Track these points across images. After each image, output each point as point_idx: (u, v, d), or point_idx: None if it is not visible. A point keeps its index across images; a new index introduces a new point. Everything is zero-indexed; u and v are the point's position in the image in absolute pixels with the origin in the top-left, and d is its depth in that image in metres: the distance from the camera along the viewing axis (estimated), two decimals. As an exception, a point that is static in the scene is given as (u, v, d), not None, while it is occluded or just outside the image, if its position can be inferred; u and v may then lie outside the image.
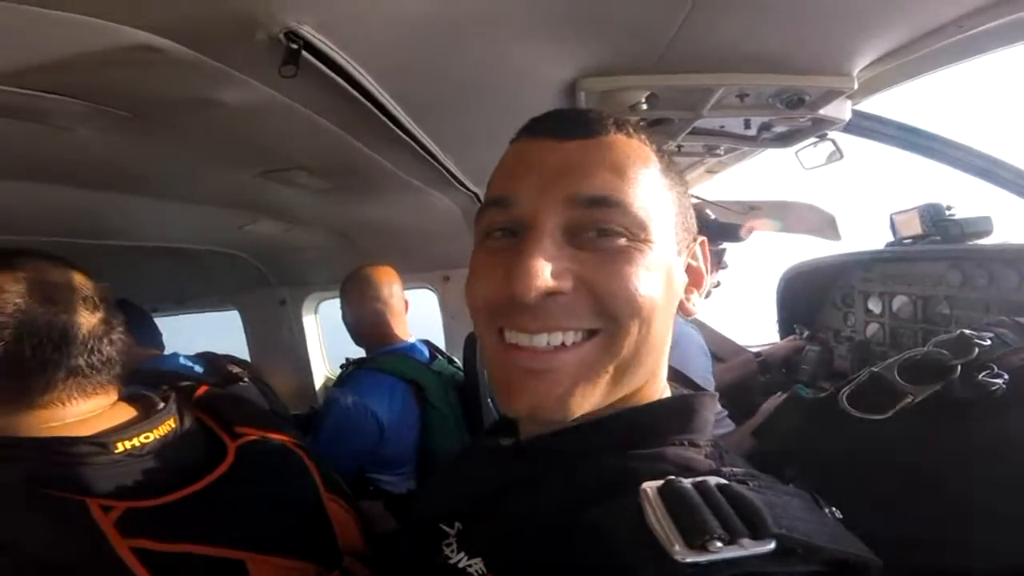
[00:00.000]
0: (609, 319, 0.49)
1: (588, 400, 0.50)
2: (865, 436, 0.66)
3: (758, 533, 0.37)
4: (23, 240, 1.86)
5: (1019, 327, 0.71)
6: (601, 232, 0.50)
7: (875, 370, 0.71)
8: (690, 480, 0.42)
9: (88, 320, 0.73)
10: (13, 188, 1.42)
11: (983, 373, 0.61)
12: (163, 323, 2.23)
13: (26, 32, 0.72)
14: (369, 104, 1.10)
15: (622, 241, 0.49)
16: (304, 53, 0.83)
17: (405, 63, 1.03)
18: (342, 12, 0.82)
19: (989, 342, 0.66)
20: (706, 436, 0.55)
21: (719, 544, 0.36)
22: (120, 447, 0.69)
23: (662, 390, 0.58)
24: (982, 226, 1.80)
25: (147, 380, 0.88)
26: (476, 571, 0.50)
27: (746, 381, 2.34)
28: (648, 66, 1.16)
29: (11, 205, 1.55)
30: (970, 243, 1.82)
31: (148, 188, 1.63)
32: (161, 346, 2.16)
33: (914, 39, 1.01)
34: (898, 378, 0.67)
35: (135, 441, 0.71)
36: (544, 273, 0.47)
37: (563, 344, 0.49)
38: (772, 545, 0.36)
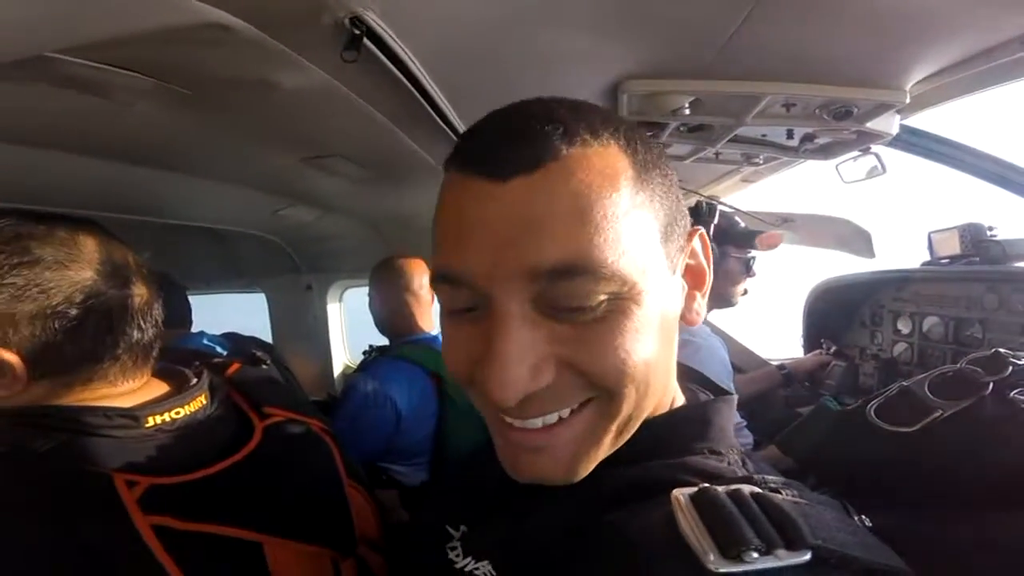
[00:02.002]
0: (602, 390, 0.44)
1: (594, 460, 0.47)
2: (891, 448, 0.66)
3: (793, 544, 0.36)
4: (65, 213, 1.92)
5: None
6: (575, 309, 0.41)
7: (905, 384, 0.71)
8: (724, 488, 0.41)
9: (142, 296, 0.73)
10: (60, 159, 1.45)
11: (1015, 391, 0.61)
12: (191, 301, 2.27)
13: (101, 4, 0.73)
14: (417, 94, 1.12)
15: (602, 308, 0.41)
16: (365, 40, 0.85)
17: (456, 55, 1.05)
18: (406, 1, 0.84)
19: None
20: (727, 443, 0.53)
21: (754, 555, 0.36)
22: (151, 421, 0.68)
23: (673, 397, 0.55)
24: (1024, 248, 1.76)
25: (174, 358, 0.86)
26: (484, 573, 0.50)
27: (768, 393, 2.32)
28: (696, 71, 1.16)
29: (54, 176, 1.59)
30: (1011, 265, 1.78)
31: (192, 167, 1.67)
32: (190, 323, 2.21)
33: (974, 55, 1.00)
34: (928, 393, 0.67)
35: (166, 416, 0.69)
36: (521, 381, 0.41)
37: (559, 419, 0.45)
38: (808, 556, 0.36)
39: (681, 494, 0.41)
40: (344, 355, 3.36)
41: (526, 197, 0.40)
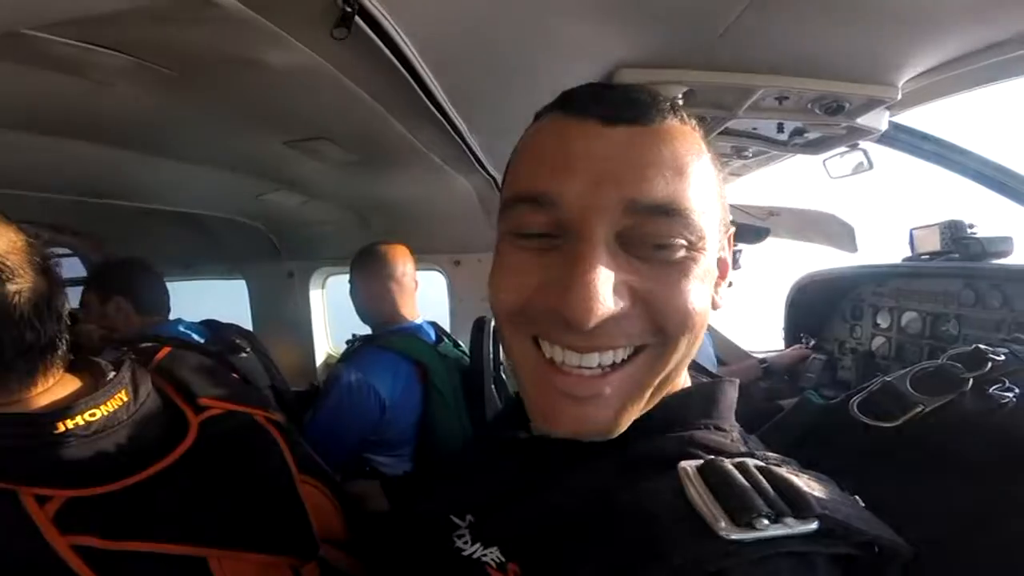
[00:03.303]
0: (661, 335, 0.46)
1: (631, 417, 0.48)
2: (871, 443, 0.67)
3: (801, 513, 0.37)
4: (34, 196, 1.86)
5: None
6: (660, 246, 0.45)
7: (887, 379, 0.72)
8: (730, 460, 0.42)
9: (33, 289, 0.62)
10: (35, 141, 1.40)
11: (994, 387, 0.62)
12: (169, 288, 2.23)
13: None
14: (409, 76, 1.10)
15: (681, 253, 0.45)
16: (357, 18, 0.83)
17: (449, 38, 1.03)
18: (400, -21, 0.82)
19: (1003, 357, 0.66)
20: (730, 422, 0.55)
21: (765, 522, 0.36)
22: (60, 427, 0.58)
23: (684, 379, 0.58)
24: (1003, 246, 1.79)
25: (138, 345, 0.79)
26: (492, 559, 0.49)
27: (748, 386, 2.35)
28: (692, 61, 1.15)
29: (28, 159, 1.54)
30: (989, 262, 1.82)
31: (175, 150, 1.62)
32: (167, 310, 2.16)
33: (967, 53, 1.01)
34: (910, 388, 0.67)
35: (79, 419, 0.60)
36: (607, 300, 0.42)
37: (612, 364, 0.46)
38: (815, 525, 0.37)
39: (688, 465, 0.42)
40: (327, 344, 3.32)
41: (633, 142, 0.45)
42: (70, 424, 0.59)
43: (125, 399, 0.66)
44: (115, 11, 0.77)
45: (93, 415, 0.62)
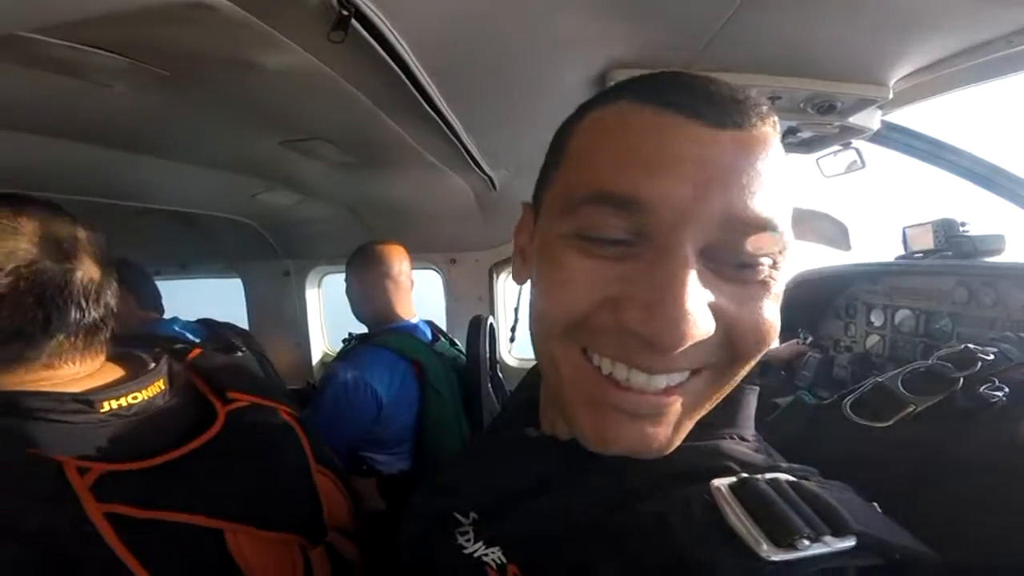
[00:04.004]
0: (732, 353, 0.43)
1: (686, 432, 0.45)
2: (865, 443, 0.67)
3: (839, 530, 0.37)
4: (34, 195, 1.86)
5: (1023, 342, 0.73)
6: (746, 264, 0.41)
7: (879, 379, 0.73)
8: (763, 478, 0.42)
9: (93, 274, 0.71)
10: (32, 141, 1.40)
11: (984, 386, 0.63)
12: (165, 287, 2.23)
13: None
14: (404, 77, 1.10)
15: (765, 272, 0.42)
16: (353, 21, 0.83)
17: (445, 39, 1.03)
18: (395, -19, 0.82)
19: (992, 356, 0.68)
20: (751, 430, 0.54)
21: (806, 542, 0.36)
22: (106, 406, 0.66)
23: None
24: (995, 244, 1.80)
25: (142, 343, 0.85)
26: (493, 560, 0.49)
27: (744, 383, 2.36)
28: (684, 62, 1.16)
29: (26, 159, 1.54)
30: (981, 260, 1.83)
31: (170, 150, 1.62)
32: (160, 309, 2.16)
33: (958, 52, 1.01)
34: (901, 388, 0.69)
35: (122, 401, 0.68)
36: (701, 324, 0.38)
37: (678, 383, 0.43)
38: (853, 541, 0.37)
39: (722, 484, 0.41)
40: (323, 343, 3.33)
41: (740, 149, 0.40)
42: (114, 404, 0.67)
43: (162, 387, 0.74)
44: (111, 13, 0.78)
45: (135, 398, 0.69)
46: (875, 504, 0.46)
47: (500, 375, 2.13)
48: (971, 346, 0.70)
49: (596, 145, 0.44)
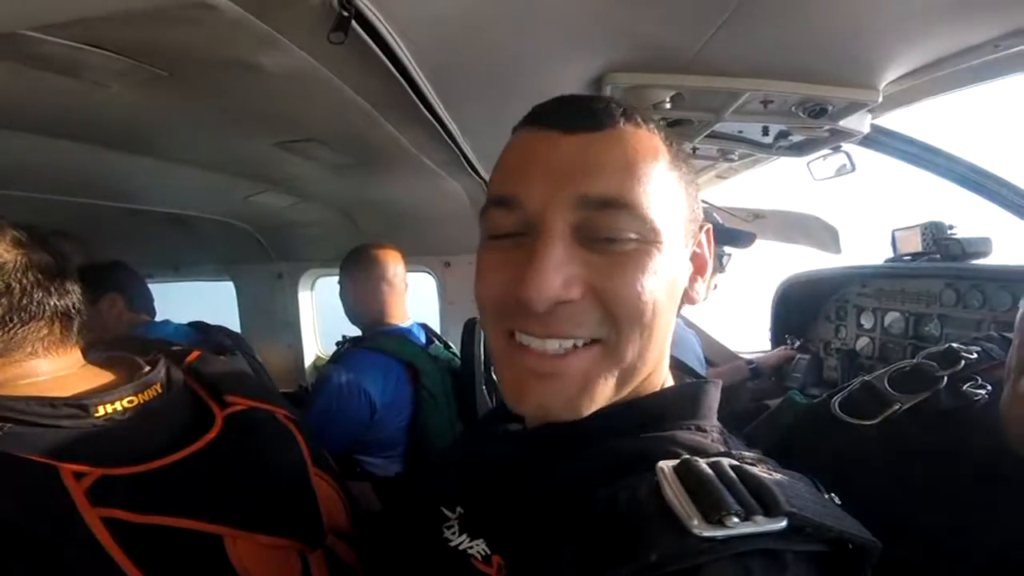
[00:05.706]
0: (613, 326, 0.49)
1: (596, 401, 0.51)
2: (852, 441, 0.69)
3: (771, 511, 0.39)
4: (26, 196, 1.85)
5: (1006, 342, 0.74)
6: (611, 239, 0.49)
7: (867, 379, 0.75)
8: (705, 460, 0.44)
9: (45, 259, 0.70)
10: (27, 141, 1.39)
11: (968, 384, 0.65)
12: (157, 289, 2.21)
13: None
14: (402, 79, 1.11)
15: (632, 245, 0.49)
16: (353, 22, 0.84)
17: (443, 43, 1.04)
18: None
19: (976, 355, 0.70)
20: (711, 422, 0.57)
21: (735, 520, 0.38)
22: (100, 411, 0.66)
23: (665, 379, 0.60)
24: (982, 247, 1.84)
25: (134, 346, 0.84)
26: (478, 552, 0.51)
27: (735, 386, 2.39)
28: (679, 66, 1.17)
29: (20, 158, 1.53)
30: (969, 263, 1.86)
31: (165, 151, 1.62)
32: (152, 311, 2.15)
33: (946, 56, 1.03)
34: (887, 387, 0.71)
35: (116, 405, 0.67)
36: (555, 283, 0.47)
37: (573, 347, 0.50)
38: (784, 523, 0.38)
39: (665, 465, 0.44)
40: (315, 346, 3.31)
41: (587, 147, 0.50)
42: (108, 408, 0.66)
43: (159, 391, 0.74)
44: (111, 12, 0.78)
45: (131, 402, 0.69)
46: (833, 495, 0.48)
47: (494, 378, 2.13)
48: (955, 345, 0.72)
49: (499, 163, 0.55)
